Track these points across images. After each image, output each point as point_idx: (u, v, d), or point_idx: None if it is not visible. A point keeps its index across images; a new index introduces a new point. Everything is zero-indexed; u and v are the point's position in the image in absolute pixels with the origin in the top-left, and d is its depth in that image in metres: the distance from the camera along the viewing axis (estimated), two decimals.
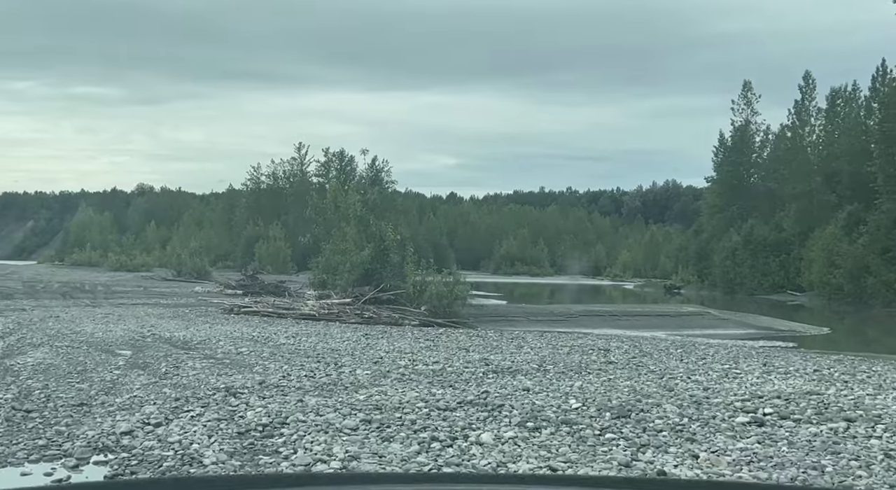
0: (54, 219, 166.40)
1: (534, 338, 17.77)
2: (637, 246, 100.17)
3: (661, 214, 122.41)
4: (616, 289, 76.28)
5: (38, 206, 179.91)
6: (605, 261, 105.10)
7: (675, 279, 68.75)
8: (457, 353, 14.16)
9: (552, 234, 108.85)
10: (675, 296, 61.96)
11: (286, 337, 16.06)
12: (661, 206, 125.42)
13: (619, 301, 55.71)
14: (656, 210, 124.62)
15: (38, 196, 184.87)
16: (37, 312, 20.30)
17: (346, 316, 20.63)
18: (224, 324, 18.72)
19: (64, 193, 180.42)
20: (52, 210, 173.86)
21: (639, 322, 23.61)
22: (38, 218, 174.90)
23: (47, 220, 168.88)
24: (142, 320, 18.88)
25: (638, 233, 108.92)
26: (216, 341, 14.88)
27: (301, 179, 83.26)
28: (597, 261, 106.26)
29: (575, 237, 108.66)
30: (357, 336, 16.85)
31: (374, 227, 22.36)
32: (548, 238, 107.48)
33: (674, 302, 55.89)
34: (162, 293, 30.95)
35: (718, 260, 61.45)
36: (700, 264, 65.07)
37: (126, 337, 15.19)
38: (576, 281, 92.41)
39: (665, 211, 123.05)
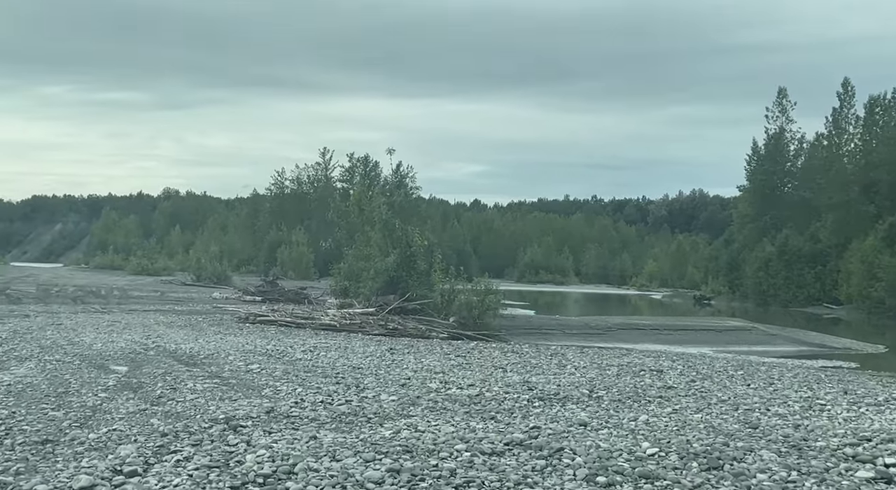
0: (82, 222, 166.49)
1: (574, 355, 16.03)
2: (663, 255, 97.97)
3: (687, 224, 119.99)
4: (642, 299, 74.12)
5: (66, 210, 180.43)
6: (631, 270, 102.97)
7: (705, 290, 66.58)
8: (493, 373, 12.46)
9: (577, 243, 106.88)
10: (704, 307, 59.86)
11: (303, 351, 14.44)
12: (687, 216, 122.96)
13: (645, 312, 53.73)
14: (682, 219, 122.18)
15: (67, 199, 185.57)
16: (40, 319, 18.85)
17: (369, 327, 19.00)
18: (237, 334, 17.15)
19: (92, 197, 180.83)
20: (81, 213, 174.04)
21: (682, 337, 21.79)
22: (67, 221, 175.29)
23: (75, 223, 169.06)
24: (149, 329, 17.36)
25: (664, 242, 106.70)
26: (225, 356, 13.28)
27: (325, 184, 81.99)
28: (622, 270, 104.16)
29: (600, 246, 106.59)
30: (381, 350, 15.19)
31: (399, 231, 20.73)
32: (573, 246, 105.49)
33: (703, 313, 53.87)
34: (178, 299, 29.50)
35: (751, 271, 59.26)
36: (731, 275, 62.89)
37: (127, 349, 13.63)
38: (601, 290, 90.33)
39: (691, 220, 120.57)
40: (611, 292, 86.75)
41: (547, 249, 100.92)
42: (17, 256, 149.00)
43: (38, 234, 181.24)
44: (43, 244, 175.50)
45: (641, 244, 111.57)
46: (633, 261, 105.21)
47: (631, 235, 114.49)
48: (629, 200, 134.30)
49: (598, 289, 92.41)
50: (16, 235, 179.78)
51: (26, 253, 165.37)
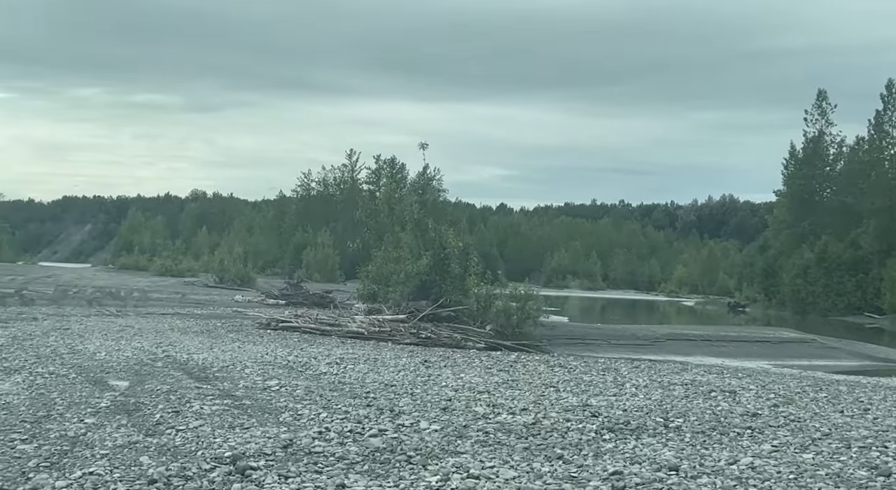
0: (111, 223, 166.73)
1: (628, 369, 14.31)
2: (693, 261, 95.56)
3: (716, 229, 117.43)
4: (673, 305, 71.97)
5: (96, 210, 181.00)
6: (660, 275, 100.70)
7: (739, 297, 64.36)
8: (545, 392, 10.80)
9: (605, 248, 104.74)
10: (739, 314, 57.72)
11: (328, 363, 12.85)
12: (716, 221, 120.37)
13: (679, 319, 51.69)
14: (712, 225, 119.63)
15: (97, 200, 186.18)
16: (47, 323, 17.45)
17: (399, 335, 17.40)
18: (256, 343, 15.61)
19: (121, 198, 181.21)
20: (110, 214, 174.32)
21: (737, 349, 19.99)
22: (96, 221, 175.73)
23: (105, 223, 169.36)
24: (162, 336, 15.87)
25: (693, 248, 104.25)
26: (241, 369, 11.73)
27: (351, 186, 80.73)
28: (650, 275, 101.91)
29: (628, 251, 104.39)
30: (414, 363, 13.58)
31: (432, 232, 19.11)
32: (600, 251, 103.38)
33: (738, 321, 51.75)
34: (198, 301, 28.10)
35: (788, 278, 57.02)
36: (767, 282, 60.60)
37: (132, 360, 12.13)
38: (629, 295, 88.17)
39: (721, 226, 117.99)
40: (639, 298, 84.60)
41: (574, 254, 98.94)
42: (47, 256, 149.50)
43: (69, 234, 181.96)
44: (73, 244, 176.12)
45: (670, 250, 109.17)
46: (662, 266, 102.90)
47: (659, 241, 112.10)
48: (657, 205, 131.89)
49: (627, 294, 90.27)
50: (46, 235, 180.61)
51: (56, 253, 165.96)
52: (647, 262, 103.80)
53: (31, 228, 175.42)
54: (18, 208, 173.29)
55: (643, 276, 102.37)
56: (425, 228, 19.17)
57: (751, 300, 62.17)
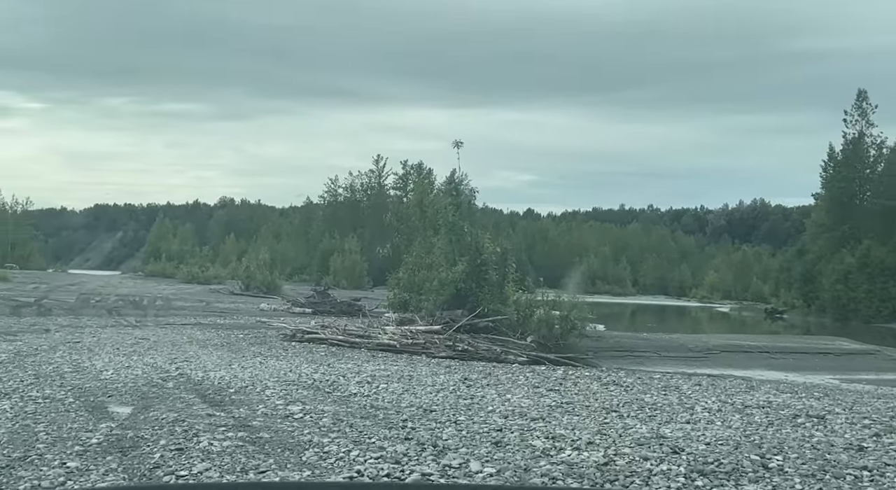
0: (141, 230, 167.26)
1: (690, 387, 12.76)
2: (725, 266, 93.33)
3: (747, 234, 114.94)
4: (705, 311, 69.92)
5: (126, 218, 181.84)
6: (691, 281, 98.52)
7: (776, 303, 62.23)
8: (607, 418, 9.31)
9: (634, 253, 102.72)
10: (777, 321, 55.70)
11: (358, 383, 11.44)
12: (747, 226, 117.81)
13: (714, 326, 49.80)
14: (743, 229, 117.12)
15: (127, 208, 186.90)
16: (59, 335, 16.24)
17: (434, 348, 15.97)
18: (280, 357, 14.25)
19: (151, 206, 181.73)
20: (140, 222, 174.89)
21: (796, 362, 18.32)
22: (127, 229, 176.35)
23: (135, 231, 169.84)
24: (178, 349, 14.57)
25: (724, 252, 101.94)
26: (261, 389, 10.35)
27: (378, 192, 79.63)
28: (681, 281, 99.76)
29: (658, 256, 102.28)
30: (454, 381, 12.13)
31: (468, 236, 17.67)
32: (630, 256, 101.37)
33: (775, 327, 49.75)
34: (222, 310, 26.89)
35: (828, 283, 54.88)
36: (805, 288, 58.45)
37: (141, 379, 10.80)
38: (660, 301, 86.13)
39: (752, 230, 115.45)
40: (671, 304, 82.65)
41: (604, 259, 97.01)
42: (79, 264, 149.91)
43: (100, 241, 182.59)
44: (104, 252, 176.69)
45: (700, 255, 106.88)
46: (693, 272, 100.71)
47: (689, 245, 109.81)
48: (687, 210, 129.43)
49: (657, 300, 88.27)
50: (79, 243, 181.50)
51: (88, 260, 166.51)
52: (678, 268, 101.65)
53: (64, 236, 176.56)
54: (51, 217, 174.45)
55: (673, 281, 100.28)
56: (460, 232, 17.73)
57: (789, 306, 60.06)
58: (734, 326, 49.67)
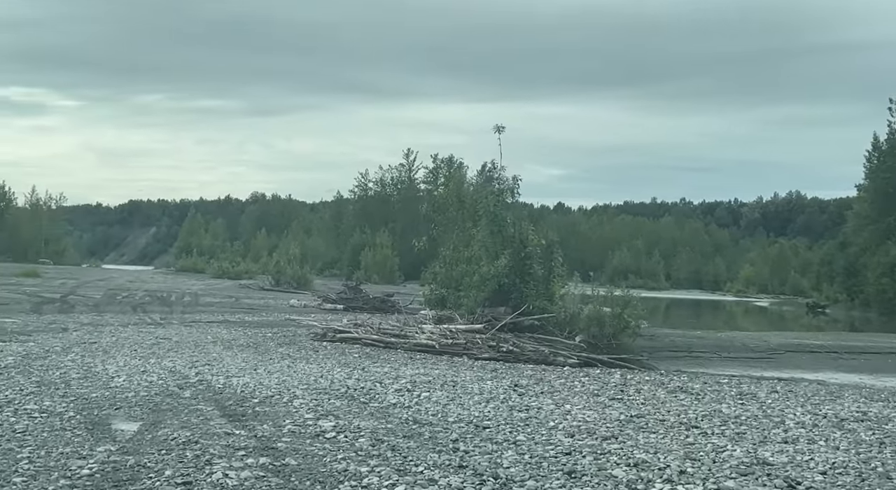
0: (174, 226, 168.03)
1: (767, 394, 11.28)
2: (761, 260, 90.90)
3: (782, 227, 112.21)
4: (742, 305, 67.84)
5: (160, 214, 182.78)
6: (725, 275, 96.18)
7: (818, 297, 60.04)
8: (689, 436, 7.90)
9: (667, 246, 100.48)
10: (819, 315, 53.56)
11: (397, 390, 10.13)
12: (782, 219, 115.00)
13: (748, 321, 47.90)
14: (777, 223, 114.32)
15: (161, 204, 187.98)
16: (76, 335, 15.12)
17: (476, 348, 14.62)
18: (310, 359, 12.97)
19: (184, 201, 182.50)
20: (173, 217, 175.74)
21: (867, 363, 16.71)
22: (160, 225, 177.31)
23: (168, 226, 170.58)
24: (201, 350, 13.36)
25: (760, 246, 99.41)
26: (288, 400, 9.07)
27: (409, 186, 78.48)
28: (715, 274, 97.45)
29: (692, 249, 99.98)
30: (503, 387, 10.77)
31: (511, 228, 16.29)
32: (662, 250, 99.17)
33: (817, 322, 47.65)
34: (251, 306, 25.75)
35: (873, 277, 52.57)
36: (849, 281, 56.21)
37: (155, 387, 9.57)
38: (694, 295, 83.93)
39: (787, 223, 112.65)
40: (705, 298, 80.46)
41: (636, 253, 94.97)
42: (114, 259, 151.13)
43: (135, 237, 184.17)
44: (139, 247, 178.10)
45: (735, 248, 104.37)
46: (727, 265, 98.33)
47: (724, 239, 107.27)
48: (720, 203, 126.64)
49: (691, 294, 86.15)
50: (114, 239, 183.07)
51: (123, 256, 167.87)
52: (712, 261, 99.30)
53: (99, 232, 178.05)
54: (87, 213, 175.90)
55: (707, 275, 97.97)
56: (503, 223, 16.34)
57: (831, 301, 57.89)
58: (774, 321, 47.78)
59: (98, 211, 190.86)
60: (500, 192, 16.64)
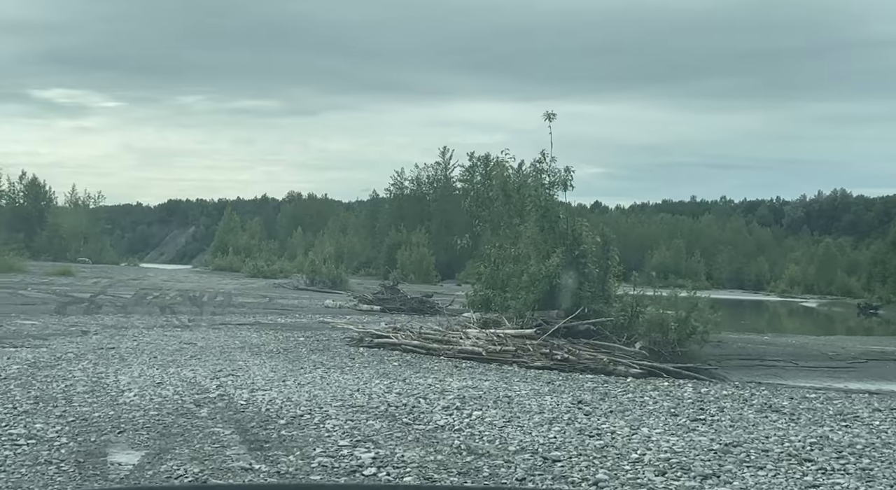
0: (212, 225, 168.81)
1: (869, 414, 9.70)
2: (806, 259, 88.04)
3: (827, 226, 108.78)
4: (786, 305, 65.38)
5: (198, 213, 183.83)
6: (769, 274, 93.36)
7: (870, 297, 57.52)
8: (807, 474, 6.42)
9: (708, 245, 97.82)
10: (871, 317, 51.20)
11: (445, 407, 8.76)
12: (827, 217, 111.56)
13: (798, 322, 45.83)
14: (822, 221, 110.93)
15: (199, 203, 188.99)
16: (95, 339, 14.00)
17: (527, 355, 13.20)
18: (345, 368, 11.65)
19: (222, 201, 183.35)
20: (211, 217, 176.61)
21: None
22: (199, 224, 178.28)
23: (206, 226, 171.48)
24: (226, 358, 12.12)
25: (804, 245, 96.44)
26: (320, 420, 7.76)
27: (445, 184, 77.17)
28: (758, 274, 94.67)
29: (734, 248, 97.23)
30: (564, 403, 9.35)
31: (564, 223, 14.85)
32: (703, 249, 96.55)
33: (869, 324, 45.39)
34: (284, 307, 24.58)
35: None
36: None
37: (170, 402, 8.32)
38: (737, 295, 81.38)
39: (832, 222, 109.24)
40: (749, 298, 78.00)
41: (676, 252, 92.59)
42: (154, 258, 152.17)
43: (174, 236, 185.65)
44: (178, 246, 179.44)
45: (778, 247, 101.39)
46: (770, 265, 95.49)
47: (766, 238, 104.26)
48: (762, 201, 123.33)
49: (734, 294, 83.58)
50: (154, 238, 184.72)
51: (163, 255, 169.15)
52: (755, 261, 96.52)
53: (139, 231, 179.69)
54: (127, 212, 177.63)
55: (750, 274, 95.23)
56: (555, 219, 14.90)
57: (884, 301, 55.38)
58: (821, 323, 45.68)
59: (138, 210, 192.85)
60: (551, 184, 15.19)
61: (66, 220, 75.33)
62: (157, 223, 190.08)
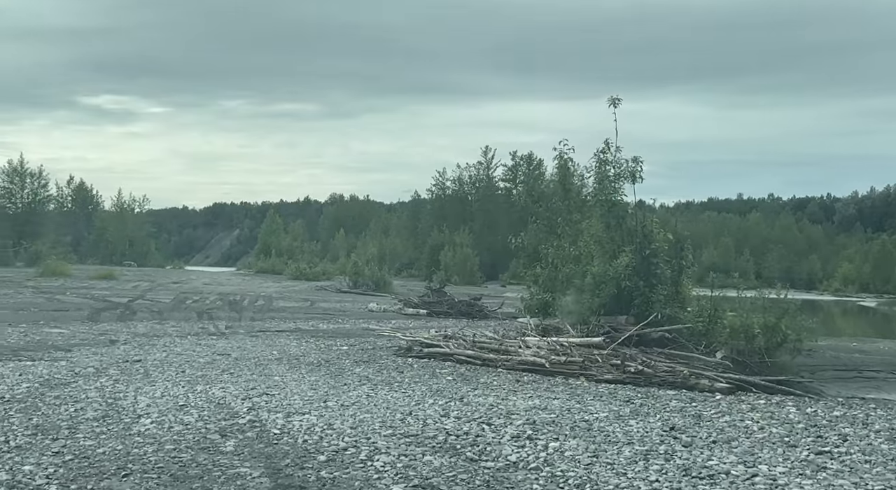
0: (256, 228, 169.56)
1: None
2: (860, 257, 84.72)
3: (880, 222, 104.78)
4: (841, 305, 62.59)
5: (242, 216, 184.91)
6: (821, 273, 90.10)
7: None
8: None
9: (757, 244, 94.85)
10: None
11: (514, 436, 7.30)
12: (880, 214, 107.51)
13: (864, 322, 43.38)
14: (875, 218, 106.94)
15: (243, 206, 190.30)
16: (122, 349, 12.82)
17: (595, 367, 11.68)
18: (394, 384, 10.24)
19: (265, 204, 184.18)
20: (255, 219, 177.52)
21: None
22: (243, 227, 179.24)
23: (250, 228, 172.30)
24: (262, 372, 10.81)
25: (858, 242, 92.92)
26: (368, 455, 6.37)
27: (487, 184, 75.75)
28: (810, 273, 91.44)
29: (784, 247, 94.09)
30: (654, 429, 7.83)
31: (633, 220, 13.31)
32: (753, 248, 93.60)
33: None
34: (326, 312, 23.33)
35: None
36: None
37: (191, 433, 7.00)
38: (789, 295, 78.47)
39: (886, 219, 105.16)
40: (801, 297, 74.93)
41: (725, 251, 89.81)
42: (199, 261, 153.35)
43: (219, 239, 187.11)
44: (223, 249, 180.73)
45: (830, 245, 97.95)
46: (822, 263, 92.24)
47: (818, 235, 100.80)
48: (811, 198, 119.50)
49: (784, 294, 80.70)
50: (199, 241, 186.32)
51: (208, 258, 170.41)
52: (806, 259, 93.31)
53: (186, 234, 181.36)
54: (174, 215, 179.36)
55: (801, 273, 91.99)
56: (623, 214, 13.36)
57: None
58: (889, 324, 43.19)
59: (184, 214, 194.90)
60: (616, 177, 13.63)
61: (112, 224, 75.53)
62: (203, 226, 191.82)
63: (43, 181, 72.61)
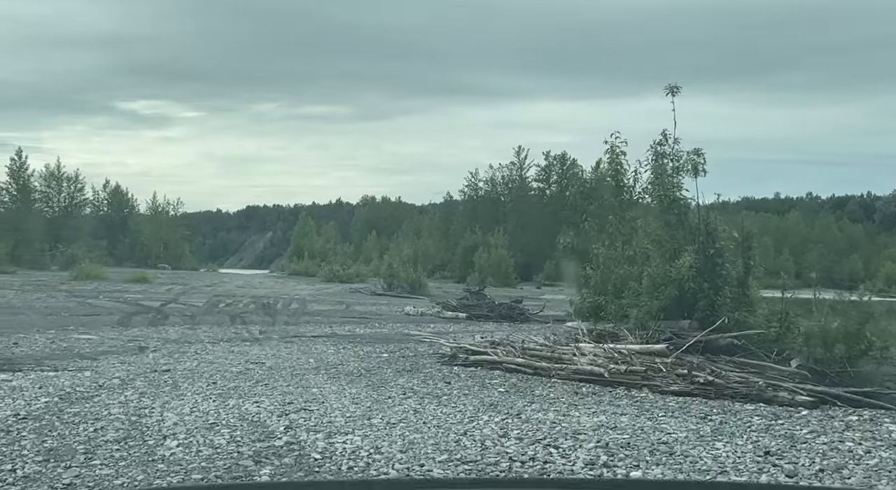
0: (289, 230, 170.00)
1: None
2: None
3: None
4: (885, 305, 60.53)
5: (275, 219, 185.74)
6: (863, 273, 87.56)
7: None
8: None
9: (796, 244, 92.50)
10: None
11: (588, 463, 6.34)
12: None
13: None
14: None
15: (276, 209, 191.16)
16: (151, 357, 12.06)
17: (659, 377, 10.65)
18: (442, 397, 9.31)
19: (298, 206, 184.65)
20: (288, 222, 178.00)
21: None
22: (276, 229, 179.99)
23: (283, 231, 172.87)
24: (299, 382, 9.95)
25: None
26: None
27: (520, 185, 74.67)
28: (851, 272, 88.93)
29: (824, 246, 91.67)
30: (746, 453, 6.82)
31: (695, 218, 12.26)
32: (791, 247, 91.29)
33: None
34: (362, 315, 22.48)
35: None
36: None
37: (220, 458, 6.13)
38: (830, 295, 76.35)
39: None
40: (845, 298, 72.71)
41: (764, 251, 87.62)
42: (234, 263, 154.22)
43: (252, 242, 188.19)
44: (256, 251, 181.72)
45: (871, 244, 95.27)
46: (864, 262, 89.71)
47: (858, 234, 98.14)
48: (851, 197, 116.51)
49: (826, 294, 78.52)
50: (233, 243, 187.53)
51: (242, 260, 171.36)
52: (846, 258, 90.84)
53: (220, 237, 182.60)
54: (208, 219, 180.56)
55: (842, 273, 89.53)
56: (684, 211, 12.32)
57: None
58: None
59: (218, 217, 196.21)
60: (675, 170, 12.59)
61: (147, 227, 75.70)
62: (237, 229, 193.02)
63: (79, 185, 73.05)
